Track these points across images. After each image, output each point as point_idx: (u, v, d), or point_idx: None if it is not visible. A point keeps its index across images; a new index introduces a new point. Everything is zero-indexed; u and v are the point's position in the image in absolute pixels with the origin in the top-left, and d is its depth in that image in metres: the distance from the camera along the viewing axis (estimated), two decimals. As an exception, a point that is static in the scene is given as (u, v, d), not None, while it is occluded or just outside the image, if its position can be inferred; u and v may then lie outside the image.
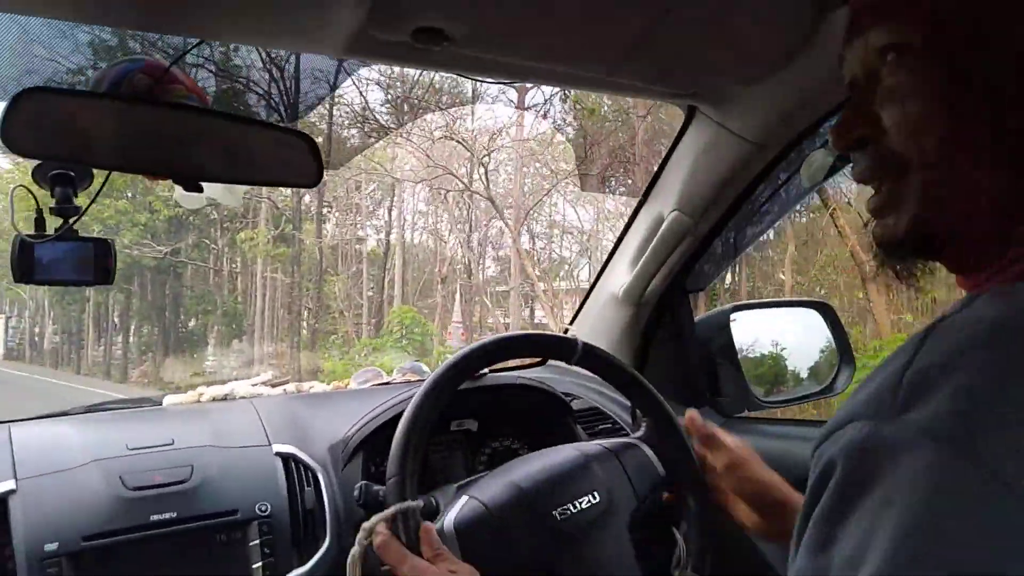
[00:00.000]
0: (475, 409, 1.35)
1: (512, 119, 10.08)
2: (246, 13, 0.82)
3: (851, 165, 0.56)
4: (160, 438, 1.11)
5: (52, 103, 0.80)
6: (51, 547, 0.92)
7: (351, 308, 12.08)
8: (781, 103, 1.13)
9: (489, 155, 10.10)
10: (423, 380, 1.55)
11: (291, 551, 1.05)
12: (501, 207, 10.40)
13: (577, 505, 1.02)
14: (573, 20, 0.91)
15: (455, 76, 0.83)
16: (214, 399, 1.38)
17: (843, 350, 1.61)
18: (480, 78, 1.04)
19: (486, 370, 1.28)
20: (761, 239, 1.60)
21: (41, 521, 0.95)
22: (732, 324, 1.60)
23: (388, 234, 12.50)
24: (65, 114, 0.80)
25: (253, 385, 1.44)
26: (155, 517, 0.98)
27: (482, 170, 9.99)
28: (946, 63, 0.48)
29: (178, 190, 0.92)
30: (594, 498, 1.04)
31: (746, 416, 1.59)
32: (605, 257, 1.58)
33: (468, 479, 1.12)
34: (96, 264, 0.96)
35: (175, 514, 1.00)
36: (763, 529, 0.96)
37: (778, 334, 1.66)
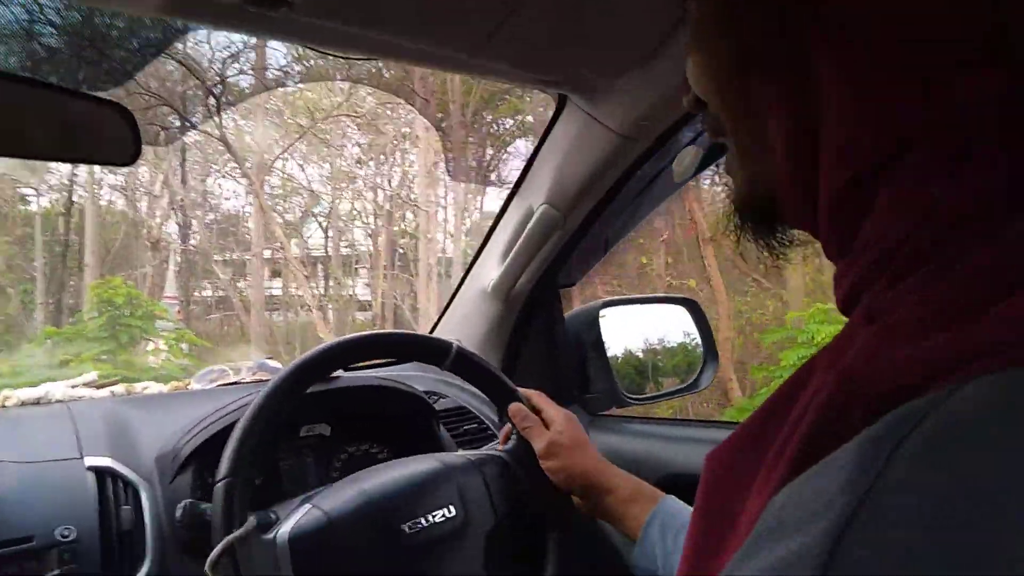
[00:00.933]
0: (328, 412, 1.25)
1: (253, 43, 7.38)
2: None
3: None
4: None
5: None
6: None
7: (16, 283, 8.63)
8: (651, 96, 1.09)
9: (222, 82, 7.28)
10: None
11: None
12: (236, 157, 8.47)
13: (430, 519, 0.95)
14: None
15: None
16: (23, 403, 1.21)
17: (708, 347, 1.62)
18: (324, 50, 0.94)
19: (339, 371, 1.19)
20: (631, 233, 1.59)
21: None
22: (601, 320, 1.58)
23: (70, 189, 8.78)
24: None
25: (73, 387, 1.27)
26: None
27: (212, 100, 7.17)
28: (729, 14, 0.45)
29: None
30: (449, 512, 0.97)
31: (613, 414, 1.57)
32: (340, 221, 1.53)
33: (316, 490, 1.03)
34: None
35: None
36: (583, 507, 1.02)
37: (646, 330, 1.66)
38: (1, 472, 0.95)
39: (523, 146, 9.06)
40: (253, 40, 7.25)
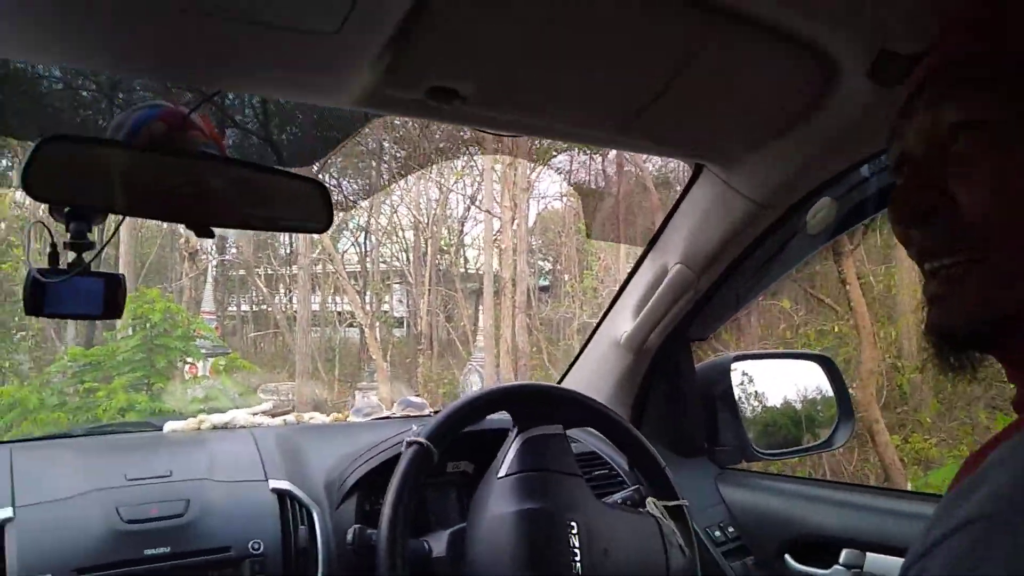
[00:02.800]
0: (471, 450, 1.36)
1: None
2: (266, 66, 0.84)
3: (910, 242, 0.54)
4: (158, 469, 1.12)
5: (72, 151, 0.82)
6: None
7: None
8: (786, 166, 1.15)
9: None
10: (422, 415, 1.56)
11: None
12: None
13: (576, 550, 1.05)
14: (581, 86, 0.93)
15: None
16: (214, 427, 1.39)
17: (843, 405, 1.61)
18: (491, 132, 1.06)
19: None
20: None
21: (35, 551, 0.95)
22: (732, 373, 1.61)
23: None
24: (84, 162, 0.82)
25: (254, 414, 1.45)
26: (149, 552, 0.99)
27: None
28: (1016, 137, 0.47)
29: (190, 232, 0.94)
30: (572, 528, 1.06)
31: (742, 468, 1.59)
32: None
33: (462, 525, 1.13)
34: (106, 298, 0.98)
35: (169, 549, 1.01)
36: None
37: (778, 385, 1.67)
38: (202, 489, 1.11)
39: (564, 160, 8.50)
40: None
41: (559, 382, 1.70)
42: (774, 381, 1.67)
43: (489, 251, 8.98)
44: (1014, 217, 0.46)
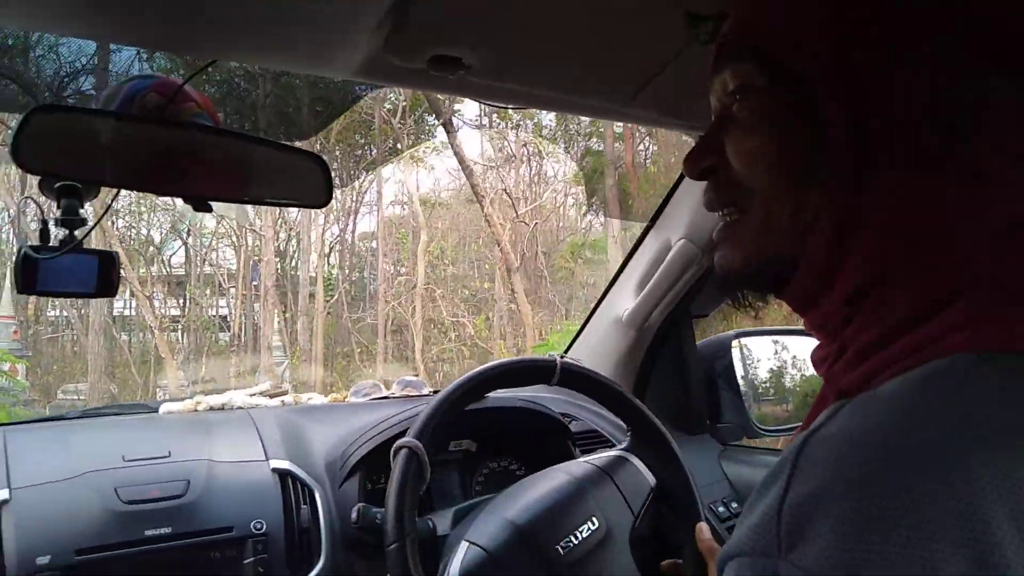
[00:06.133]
0: (474, 430, 1.35)
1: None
2: (261, 33, 0.81)
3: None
4: (156, 449, 1.11)
5: (63, 121, 0.79)
6: (43, 560, 0.92)
7: None
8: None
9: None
10: (421, 395, 1.55)
11: (285, 570, 1.04)
12: None
13: (578, 536, 1.01)
14: (588, 56, 0.90)
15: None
16: (211, 408, 1.38)
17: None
18: (494, 103, 1.03)
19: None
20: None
21: (34, 533, 0.94)
22: (734, 350, 1.60)
23: None
24: (75, 132, 0.79)
25: (251, 395, 1.44)
26: (150, 532, 0.98)
27: None
28: (784, 101, 0.50)
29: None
30: (593, 524, 1.03)
31: (744, 444, 1.59)
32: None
33: (466, 503, 1.12)
34: (100, 276, 0.95)
35: (170, 529, 0.99)
36: None
37: (780, 362, 1.66)
38: (201, 470, 1.09)
39: (392, 171, 8.70)
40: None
41: (563, 356, 1.69)
42: (777, 358, 1.66)
43: (305, 255, 9.09)
44: (770, 177, 0.51)
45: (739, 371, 1.58)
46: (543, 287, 9.13)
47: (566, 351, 1.68)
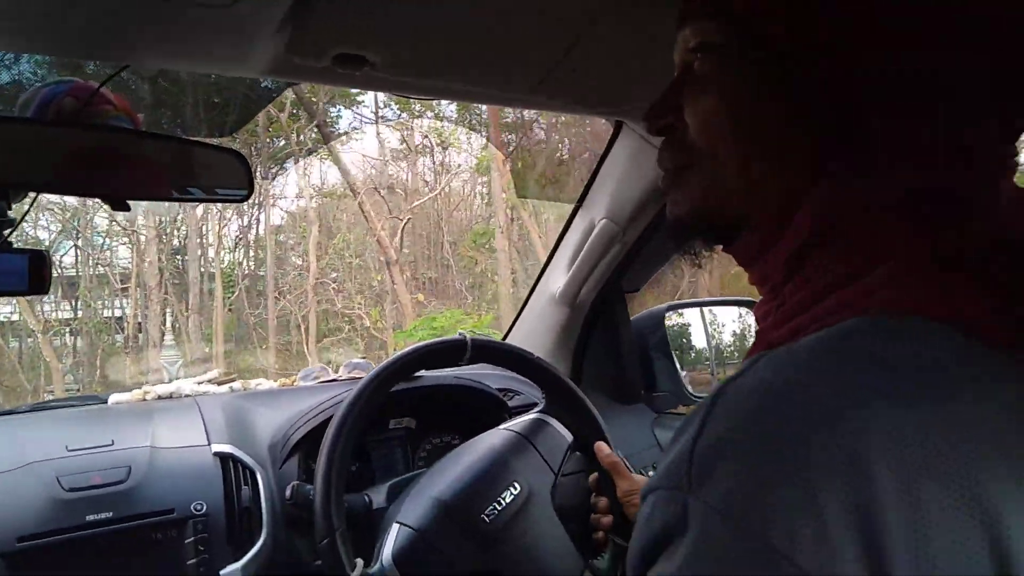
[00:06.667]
0: (413, 407, 1.41)
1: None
2: (169, 39, 0.85)
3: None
4: (100, 439, 1.15)
5: (-20, 129, 0.83)
6: None
7: None
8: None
9: None
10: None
11: (226, 548, 1.10)
12: None
13: (501, 502, 1.08)
14: (490, 45, 0.95)
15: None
16: (159, 397, 1.42)
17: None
18: (402, 95, 1.08)
19: (422, 372, 1.34)
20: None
21: None
22: (667, 322, 1.67)
23: None
24: (-7, 139, 0.83)
25: (199, 383, 1.48)
26: (91, 517, 1.03)
27: None
28: (742, 62, 0.52)
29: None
30: (515, 488, 1.10)
31: (679, 412, 1.66)
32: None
33: (399, 478, 1.18)
34: (31, 274, 0.99)
35: (111, 514, 1.04)
36: None
37: (709, 331, 1.73)
38: (143, 456, 1.14)
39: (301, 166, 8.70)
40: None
41: (504, 339, 1.75)
42: (710, 326, 1.74)
43: (196, 252, 8.94)
44: (722, 136, 0.53)
45: (673, 342, 1.65)
46: (449, 276, 9.22)
47: (508, 331, 1.74)
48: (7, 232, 0.96)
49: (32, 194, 0.97)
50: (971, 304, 0.42)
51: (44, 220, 8.71)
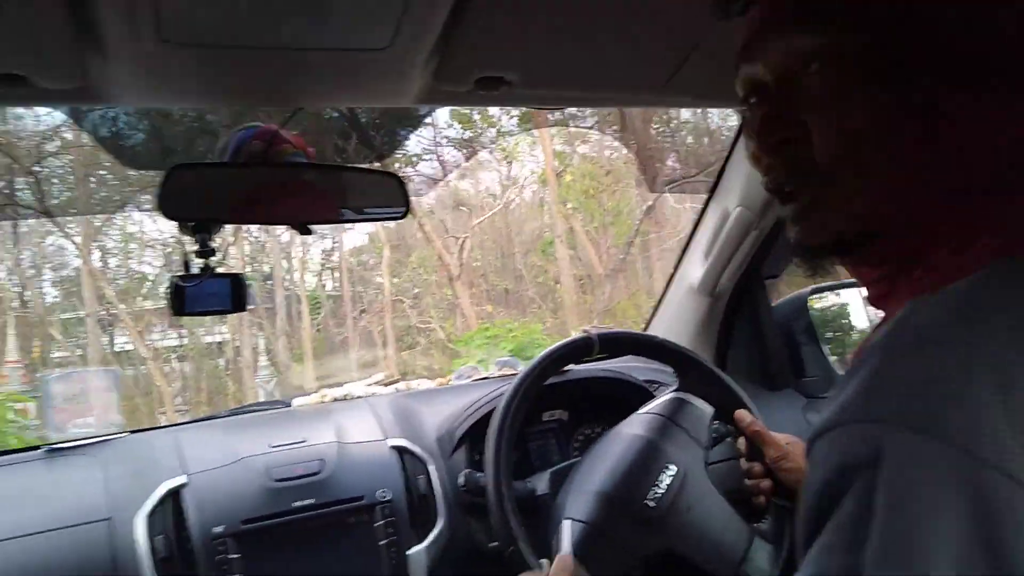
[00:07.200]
0: (565, 400, 1.48)
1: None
2: (334, 83, 0.98)
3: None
4: (294, 437, 1.31)
5: (190, 175, 0.99)
6: (218, 529, 1.13)
7: None
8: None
9: (39, 161, 7.47)
10: (517, 373, 1.70)
11: (410, 531, 1.22)
12: (62, 222, 8.40)
13: (660, 485, 1.12)
14: (619, 51, 1.00)
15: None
16: (335, 400, 1.58)
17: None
18: (540, 108, 1.16)
19: (571, 365, 1.41)
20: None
21: (209, 508, 1.15)
22: (811, 306, 1.65)
23: None
24: (200, 182, 0.99)
25: (368, 385, 1.64)
26: (296, 503, 1.18)
27: (31, 179, 7.25)
28: (877, 70, 0.49)
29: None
30: (670, 469, 1.14)
31: (830, 396, 1.63)
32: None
33: (558, 466, 1.25)
34: (233, 295, 1.15)
35: (312, 500, 1.19)
36: None
37: (860, 313, 1.69)
38: (332, 450, 1.28)
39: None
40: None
41: (644, 330, 1.79)
42: (855, 310, 1.70)
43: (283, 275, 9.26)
44: (856, 153, 0.51)
45: (819, 325, 1.63)
46: (522, 285, 9.42)
47: (648, 323, 1.78)
48: (211, 260, 1.13)
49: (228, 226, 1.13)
50: None
51: (148, 256, 9.49)
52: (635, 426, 1.20)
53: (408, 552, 1.18)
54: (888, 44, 0.49)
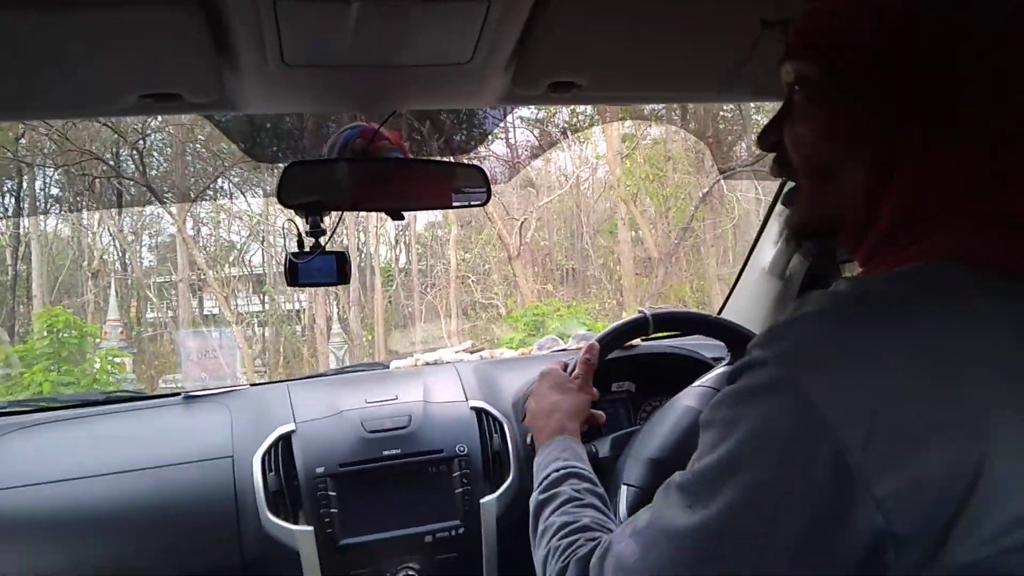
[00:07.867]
0: (633, 373, 1.59)
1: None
2: (424, 90, 1.12)
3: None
4: (387, 394, 1.49)
5: (303, 169, 1.16)
6: (320, 470, 1.32)
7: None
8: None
9: (143, 137, 8.34)
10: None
11: (484, 483, 1.38)
12: (160, 192, 8.96)
13: None
14: (680, 56, 1.09)
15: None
16: (427, 364, 1.76)
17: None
18: (606, 105, 1.26)
19: (637, 341, 1.52)
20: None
21: (313, 451, 1.35)
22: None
23: (17, 225, 9.28)
24: (313, 175, 1.16)
25: (456, 352, 1.80)
26: (386, 452, 1.35)
27: (135, 153, 8.26)
28: (836, 96, 0.61)
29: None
30: None
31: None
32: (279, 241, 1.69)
33: (619, 432, 1.37)
34: (338, 269, 1.32)
35: (399, 450, 1.36)
36: None
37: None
38: (419, 408, 1.45)
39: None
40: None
41: (719, 313, 1.87)
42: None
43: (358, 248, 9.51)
44: (812, 159, 0.64)
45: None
46: (589, 266, 9.56)
47: (722, 306, 1.85)
48: (323, 239, 1.30)
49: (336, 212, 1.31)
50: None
51: (236, 227, 10.18)
52: (688, 398, 1.29)
53: (481, 500, 1.34)
54: (854, 83, 0.59)
